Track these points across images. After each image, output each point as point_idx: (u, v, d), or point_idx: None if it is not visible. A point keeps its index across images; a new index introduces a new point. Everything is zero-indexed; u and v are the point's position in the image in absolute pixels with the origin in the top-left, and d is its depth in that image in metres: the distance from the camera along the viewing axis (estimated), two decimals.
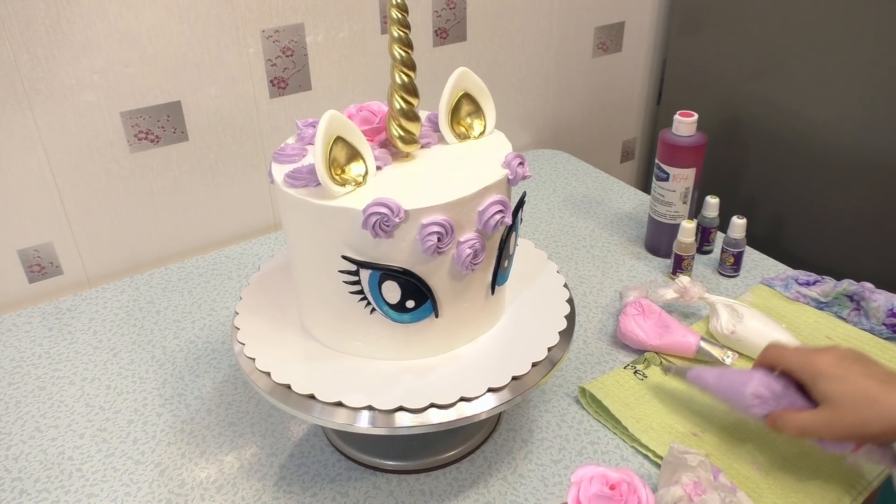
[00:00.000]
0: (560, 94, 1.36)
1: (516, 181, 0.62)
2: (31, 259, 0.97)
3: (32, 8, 0.84)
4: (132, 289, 0.98)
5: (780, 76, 1.16)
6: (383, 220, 0.55)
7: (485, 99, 0.68)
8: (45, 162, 0.92)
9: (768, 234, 1.22)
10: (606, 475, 0.56)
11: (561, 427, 0.75)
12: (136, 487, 0.69)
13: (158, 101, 0.96)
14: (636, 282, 0.97)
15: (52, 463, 0.72)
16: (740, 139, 1.25)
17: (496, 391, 0.60)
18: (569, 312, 0.69)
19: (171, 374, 0.83)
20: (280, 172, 0.61)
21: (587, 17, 1.31)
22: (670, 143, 0.95)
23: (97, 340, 0.88)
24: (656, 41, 1.42)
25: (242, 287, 0.80)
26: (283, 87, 1.04)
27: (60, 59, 0.88)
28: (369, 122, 0.65)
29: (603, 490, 0.54)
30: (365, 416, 0.59)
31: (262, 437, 0.74)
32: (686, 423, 0.73)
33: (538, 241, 1.04)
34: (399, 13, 0.59)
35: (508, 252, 0.64)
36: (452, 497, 0.68)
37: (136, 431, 0.75)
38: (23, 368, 0.84)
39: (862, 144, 1.07)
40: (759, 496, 0.65)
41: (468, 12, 1.16)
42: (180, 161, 1.01)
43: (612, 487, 0.55)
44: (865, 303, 0.85)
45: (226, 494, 0.68)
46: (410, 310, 0.60)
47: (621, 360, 0.83)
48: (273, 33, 1.00)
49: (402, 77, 0.61)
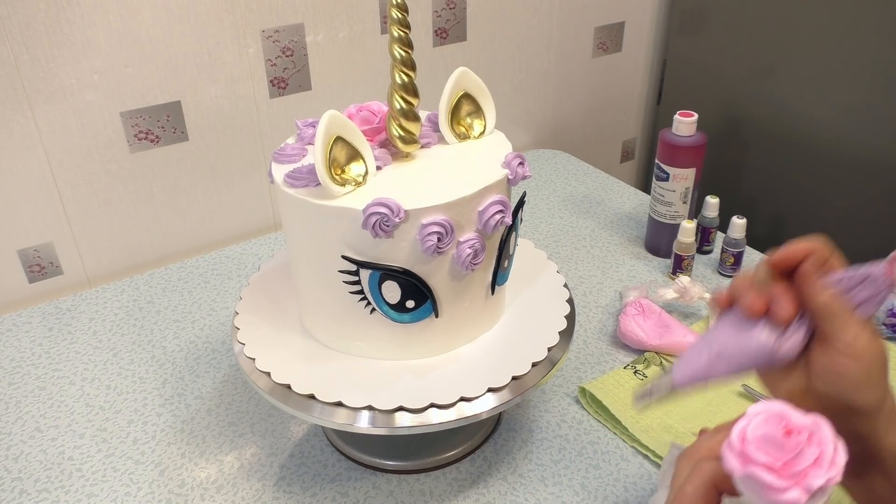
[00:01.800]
0: (560, 94, 1.36)
1: (516, 181, 0.62)
2: (31, 259, 0.97)
3: (32, 8, 0.84)
4: (132, 289, 0.98)
5: (780, 76, 1.16)
6: (383, 220, 0.55)
7: (485, 99, 0.68)
8: (45, 162, 0.92)
9: (768, 234, 1.22)
10: (787, 417, 0.42)
11: (561, 427, 0.75)
12: (136, 487, 0.69)
13: (158, 101, 0.96)
14: (636, 282, 0.97)
15: (52, 463, 0.72)
16: (740, 139, 1.25)
17: (496, 391, 0.60)
18: (569, 312, 0.69)
19: (171, 374, 0.83)
20: (280, 172, 0.61)
21: (587, 17, 1.31)
22: (670, 143, 0.95)
23: (97, 340, 0.88)
24: (656, 41, 1.42)
25: (242, 287, 0.80)
26: (283, 87, 1.04)
27: (60, 59, 0.88)
28: (369, 122, 0.65)
29: (776, 434, 0.41)
30: (365, 416, 0.59)
31: (262, 437, 0.74)
32: (686, 423, 0.73)
33: (538, 241, 1.04)
34: (399, 13, 0.59)
35: (508, 252, 0.64)
36: (452, 497, 0.68)
37: (136, 431, 0.75)
38: (23, 368, 0.84)
39: (862, 144, 1.07)
40: None
41: (468, 12, 1.16)
42: (180, 161, 1.01)
43: (788, 433, 0.42)
44: None
45: (226, 494, 0.68)
46: (410, 310, 0.60)
47: (621, 360, 0.83)
48: (273, 33, 1.00)
49: (402, 77, 0.61)
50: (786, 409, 0.42)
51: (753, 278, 0.47)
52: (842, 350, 0.44)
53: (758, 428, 0.41)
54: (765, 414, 0.42)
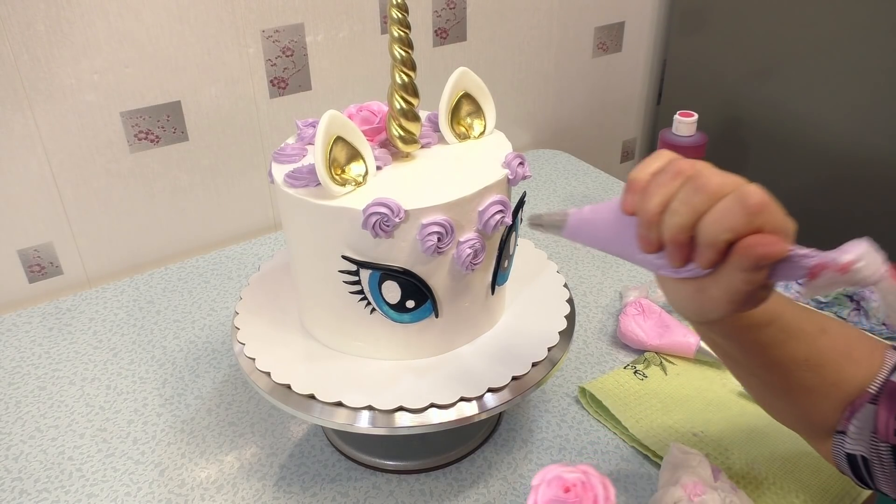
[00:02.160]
0: (560, 95, 1.36)
1: (516, 181, 0.62)
2: (31, 259, 0.97)
3: (32, 8, 0.84)
4: (132, 289, 0.98)
5: (780, 76, 1.16)
6: (383, 220, 0.55)
7: (485, 99, 0.68)
8: (45, 162, 0.92)
9: None
10: (562, 477, 0.54)
11: (561, 427, 0.75)
12: (136, 487, 0.69)
13: (158, 101, 0.96)
14: (636, 282, 0.97)
15: (52, 463, 0.72)
16: (740, 139, 1.25)
17: (496, 391, 0.60)
18: (569, 312, 0.69)
19: (171, 374, 0.83)
20: (280, 172, 0.61)
21: (587, 17, 1.31)
22: (670, 143, 0.95)
23: (97, 340, 0.88)
24: (656, 41, 1.42)
25: (242, 287, 0.80)
26: (283, 87, 1.04)
27: (60, 59, 0.88)
28: (369, 122, 0.65)
29: (558, 494, 0.53)
30: (365, 416, 0.59)
31: (262, 437, 0.74)
32: (686, 423, 0.73)
33: (538, 241, 1.03)
34: (399, 13, 0.59)
35: (508, 252, 0.64)
36: (452, 497, 0.68)
37: (136, 431, 0.75)
38: (23, 368, 0.84)
39: (862, 144, 1.07)
40: (759, 496, 0.65)
41: (468, 12, 1.16)
42: (180, 161, 1.01)
43: (567, 490, 0.53)
44: (865, 303, 0.85)
45: (226, 494, 0.68)
46: (410, 310, 0.60)
47: (621, 360, 0.83)
48: (273, 33, 1.00)
49: (403, 77, 0.61)
50: (559, 472, 0.54)
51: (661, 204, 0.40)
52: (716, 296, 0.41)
53: (545, 495, 0.53)
54: (545, 482, 0.54)
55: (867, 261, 0.37)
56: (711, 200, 0.38)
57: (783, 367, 0.51)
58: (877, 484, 0.52)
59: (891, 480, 0.50)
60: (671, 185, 0.39)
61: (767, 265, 0.38)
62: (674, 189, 0.39)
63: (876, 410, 0.50)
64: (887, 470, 0.50)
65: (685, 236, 0.39)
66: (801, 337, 0.50)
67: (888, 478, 0.50)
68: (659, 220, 0.40)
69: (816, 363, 0.51)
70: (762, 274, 0.38)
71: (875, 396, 0.51)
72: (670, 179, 0.39)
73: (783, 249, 0.37)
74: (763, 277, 0.38)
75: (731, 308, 0.40)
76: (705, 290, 0.41)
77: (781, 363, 0.51)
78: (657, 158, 0.42)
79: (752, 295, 0.39)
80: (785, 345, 0.50)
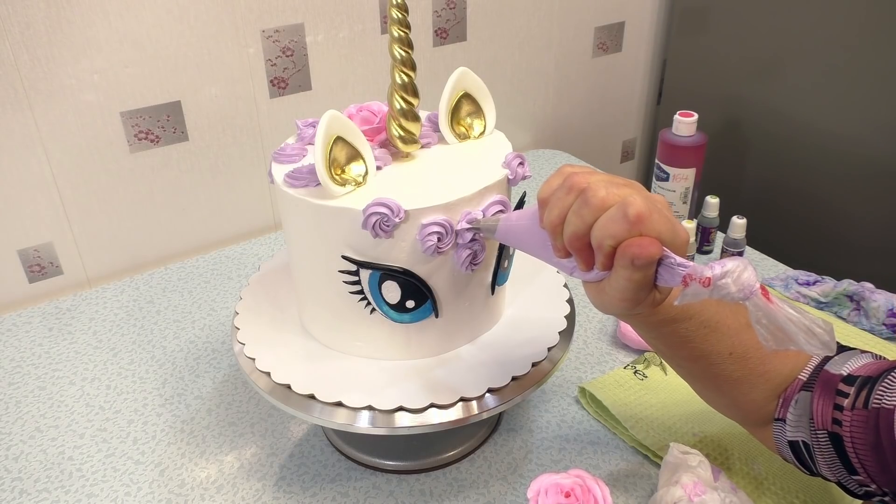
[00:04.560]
0: (560, 95, 1.36)
1: (516, 181, 0.62)
2: (31, 259, 0.97)
3: (32, 8, 0.84)
4: (132, 289, 0.98)
5: (781, 76, 1.16)
6: (383, 220, 0.55)
7: (485, 99, 0.68)
8: (45, 162, 0.92)
9: (768, 234, 1.22)
10: (560, 483, 0.57)
11: (561, 427, 0.75)
12: (136, 487, 0.69)
13: (158, 101, 0.96)
14: None
15: (52, 463, 0.72)
16: (740, 139, 1.25)
17: (496, 391, 0.60)
18: (569, 312, 0.69)
19: (171, 374, 0.83)
20: (280, 172, 0.61)
21: (587, 17, 1.31)
22: (670, 143, 0.95)
23: (97, 340, 0.88)
24: (656, 41, 1.42)
25: (242, 287, 0.80)
26: (283, 87, 1.04)
27: (60, 59, 0.88)
28: (369, 122, 0.65)
29: (560, 500, 0.56)
30: (365, 416, 0.59)
31: (262, 437, 0.74)
32: (686, 423, 0.73)
33: None
34: (399, 13, 0.59)
35: (508, 252, 0.64)
36: (452, 497, 0.68)
37: (136, 431, 0.75)
38: (23, 368, 0.84)
39: (862, 144, 1.07)
40: (759, 496, 0.65)
41: (468, 12, 1.16)
42: (180, 161, 1.01)
43: (567, 495, 0.56)
44: (865, 303, 0.85)
45: (226, 494, 0.68)
46: (410, 310, 0.60)
47: (621, 360, 0.83)
48: (273, 33, 1.00)
49: (403, 77, 0.61)
50: (556, 479, 0.57)
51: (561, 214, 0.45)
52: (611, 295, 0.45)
53: (546, 502, 0.56)
54: (543, 489, 0.56)
55: (733, 278, 0.39)
56: (599, 211, 0.43)
57: (707, 360, 0.54)
58: (819, 469, 0.54)
59: (830, 466, 0.53)
60: (566, 199, 0.45)
61: (644, 265, 0.41)
62: (569, 203, 0.45)
63: (810, 398, 0.53)
64: (826, 455, 0.53)
65: (581, 243, 0.44)
66: (722, 331, 0.53)
67: (827, 463, 0.53)
68: (560, 230, 0.46)
69: (741, 356, 0.53)
70: (642, 274, 0.42)
71: (807, 384, 0.54)
72: (565, 194, 0.45)
73: (654, 252, 0.41)
74: (643, 277, 0.42)
75: (623, 305, 0.44)
76: (603, 288, 0.46)
77: (704, 356, 0.53)
78: (558, 175, 0.47)
79: (637, 293, 0.43)
80: (706, 339, 0.52)
